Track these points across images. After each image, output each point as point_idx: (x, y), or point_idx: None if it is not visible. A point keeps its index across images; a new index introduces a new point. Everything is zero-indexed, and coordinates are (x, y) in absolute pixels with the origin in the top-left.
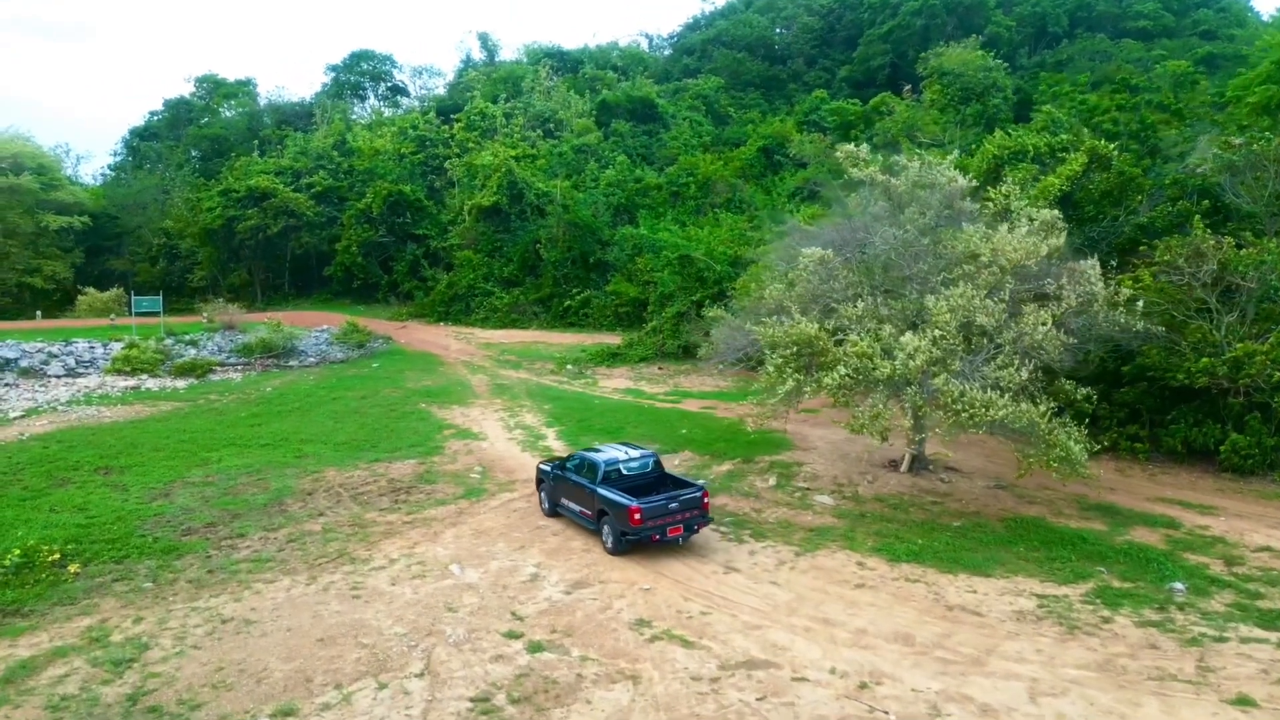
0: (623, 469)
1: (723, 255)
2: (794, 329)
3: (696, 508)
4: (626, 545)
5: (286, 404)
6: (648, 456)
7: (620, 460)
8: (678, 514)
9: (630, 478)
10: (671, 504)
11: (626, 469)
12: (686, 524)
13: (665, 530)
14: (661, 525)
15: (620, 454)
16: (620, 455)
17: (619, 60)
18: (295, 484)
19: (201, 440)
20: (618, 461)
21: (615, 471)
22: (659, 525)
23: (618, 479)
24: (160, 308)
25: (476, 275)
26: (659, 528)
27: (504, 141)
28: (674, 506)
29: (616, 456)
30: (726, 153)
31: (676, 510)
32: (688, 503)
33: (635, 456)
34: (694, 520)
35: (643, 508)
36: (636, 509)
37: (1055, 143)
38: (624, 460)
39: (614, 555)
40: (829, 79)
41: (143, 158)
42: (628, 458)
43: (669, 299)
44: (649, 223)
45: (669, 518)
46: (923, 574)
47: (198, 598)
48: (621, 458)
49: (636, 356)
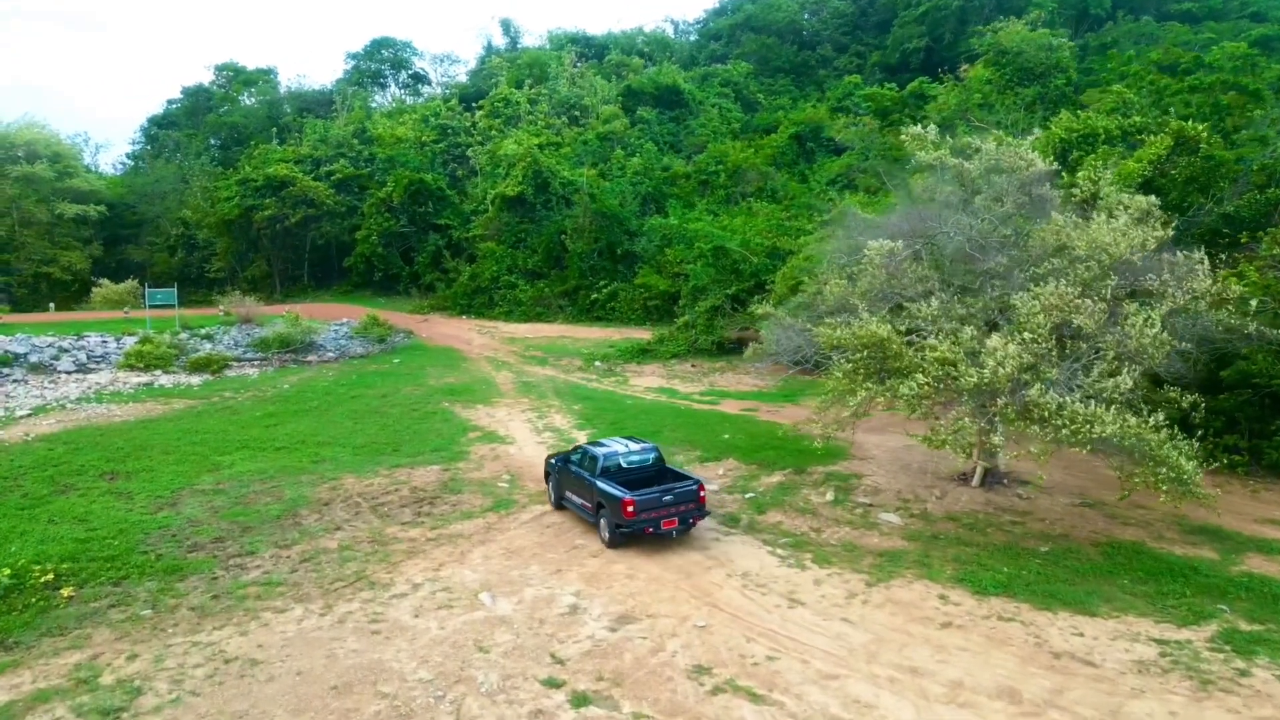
0: (622, 462)
1: (759, 246)
2: (863, 330)
3: (692, 501)
4: (622, 538)
5: (304, 402)
6: (648, 451)
7: (620, 454)
8: (672, 507)
9: (630, 471)
10: (666, 497)
11: (626, 462)
12: (681, 517)
13: (659, 523)
14: (655, 518)
15: (621, 447)
16: (620, 449)
17: (644, 46)
18: (311, 493)
19: (213, 442)
20: (617, 455)
21: (615, 465)
22: (653, 518)
23: (617, 472)
24: (175, 300)
25: (500, 267)
26: (653, 520)
27: (528, 129)
28: (668, 500)
29: (616, 450)
30: (757, 140)
31: (671, 504)
32: (682, 496)
33: (635, 450)
34: (689, 514)
35: (636, 500)
36: (630, 501)
37: (1129, 125)
38: (624, 454)
39: (611, 549)
40: (860, 65)
41: (161, 147)
42: (628, 451)
43: (702, 292)
44: (679, 212)
45: (663, 511)
46: (1016, 610)
47: (199, 629)
48: (621, 451)
49: (668, 353)
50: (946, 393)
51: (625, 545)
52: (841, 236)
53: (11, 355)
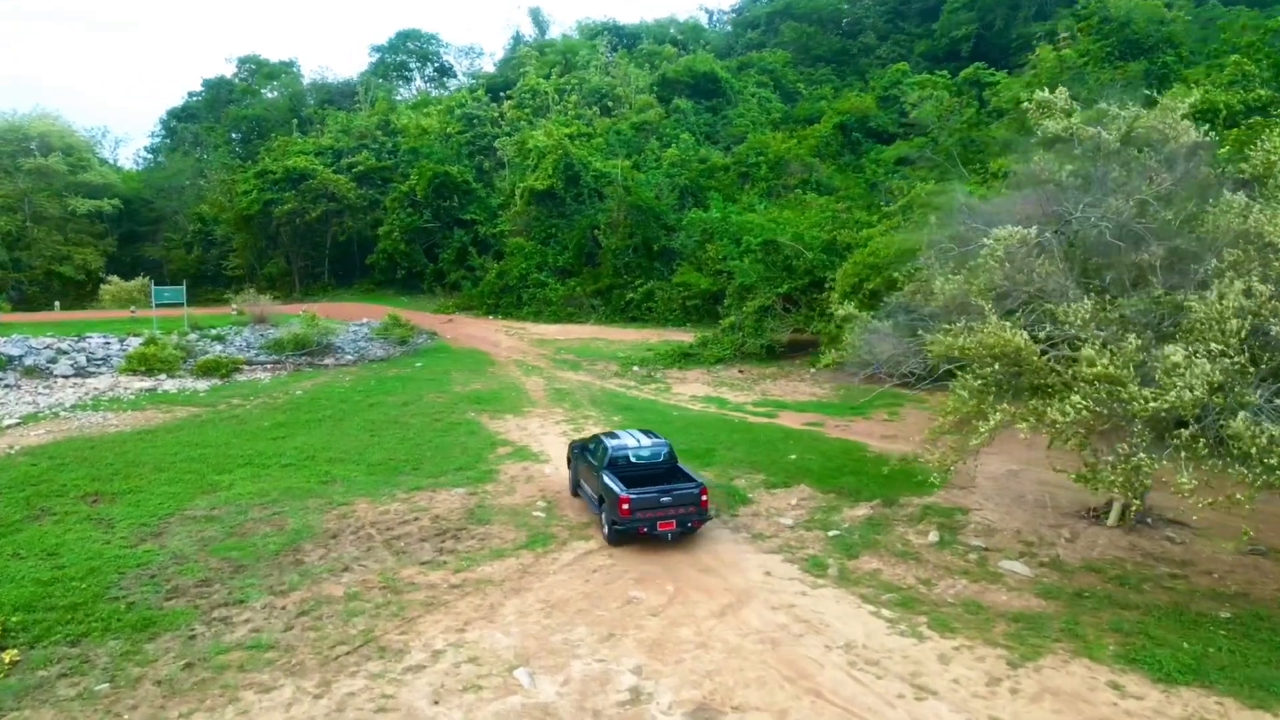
0: (631, 456)
1: (815, 240)
2: (994, 337)
3: (692, 504)
4: (618, 536)
5: (317, 410)
6: (660, 447)
7: (630, 448)
8: (670, 509)
9: (639, 467)
10: (664, 498)
11: (635, 456)
12: (680, 520)
13: (655, 524)
14: (651, 519)
15: (631, 441)
16: (631, 443)
17: (678, 35)
18: (317, 521)
19: (213, 458)
20: (627, 449)
21: (623, 459)
22: (649, 519)
23: (625, 466)
24: (184, 298)
25: (529, 264)
26: (648, 521)
27: (558, 120)
28: (666, 500)
29: (627, 444)
30: (799, 130)
31: (669, 505)
32: (682, 498)
33: (646, 445)
34: (688, 517)
35: (632, 498)
36: (625, 499)
37: (1251, 99)
38: (634, 448)
39: (611, 545)
40: (904, 54)
41: (180, 140)
42: (638, 445)
43: (749, 291)
44: (721, 205)
45: (660, 511)
46: (1222, 710)
47: (163, 714)
48: (632, 445)
49: (712, 357)
50: (1111, 419)
51: (621, 544)
52: (934, 226)
53: (5, 358)
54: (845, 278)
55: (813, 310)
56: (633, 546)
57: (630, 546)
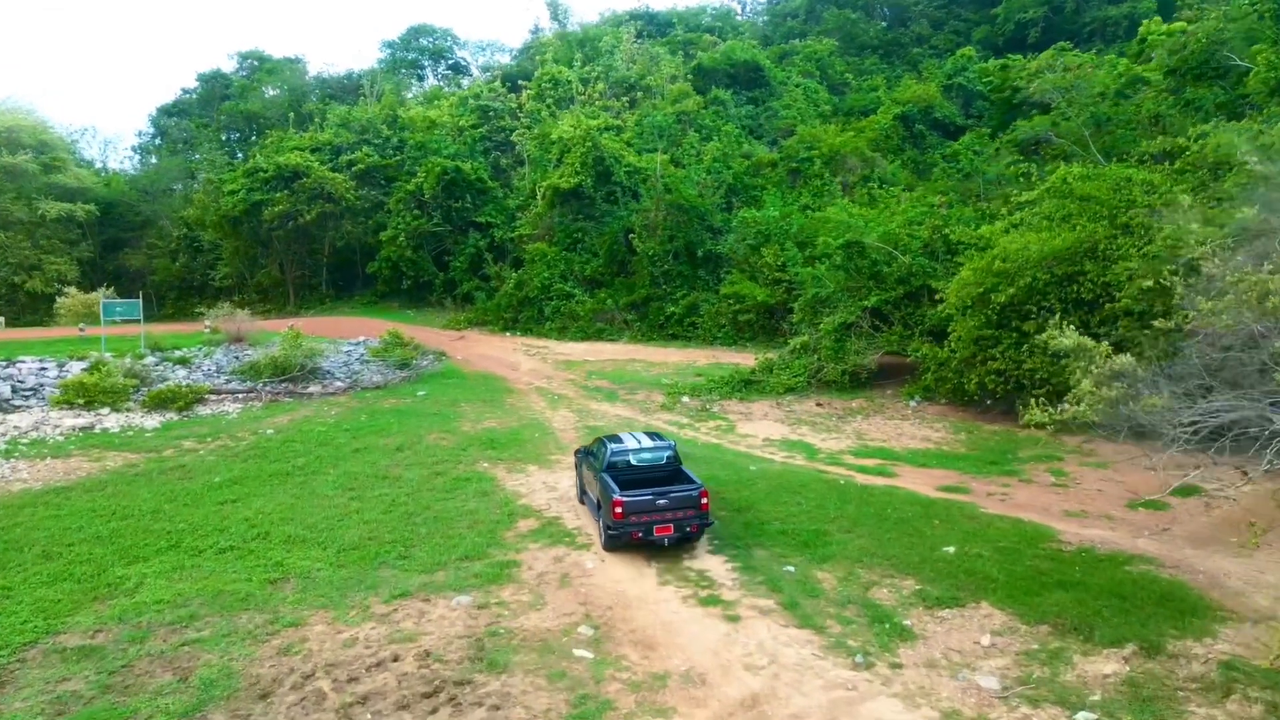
0: (632, 459)
1: (911, 241)
2: None
3: (691, 508)
4: (612, 542)
5: (287, 458)
6: (662, 450)
7: (631, 450)
8: (666, 512)
9: (640, 470)
10: (660, 500)
11: (637, 459)
12: (678, 524)
13: (651, 529)
14: (646, 523)
15: (633, 443)
16: (632, 445)
17: (712, 22)
18: (244, 660)
19: (129, 536)
20: (627, 452)
21: (624, 462)
22: (643, 523)
23: (625, 469)
24: (139, 313)
25: (552, 273)
26: (643, 525)
27: (582, 111)
28: (662, 504)
29: (627, 446)
30: (855, 123)
31: (665, 508)
32: (679, 501)
33: (648, 447)
34: (687, 521)
35: (625, 501)
36: (619, 501)
37: None
38: (634, 450)
39: (606, 551)
40: (960, 41)
41: (171, 139)
42: (639, 447)
43: (825, 304)
44: (779, 203)
45: (655, 515)
46: None
47: None
48: (632, 447)
49: (781, 386)
50: None
51: (617, 550)
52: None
53: None
54: (963, 288)
55: (909, 327)
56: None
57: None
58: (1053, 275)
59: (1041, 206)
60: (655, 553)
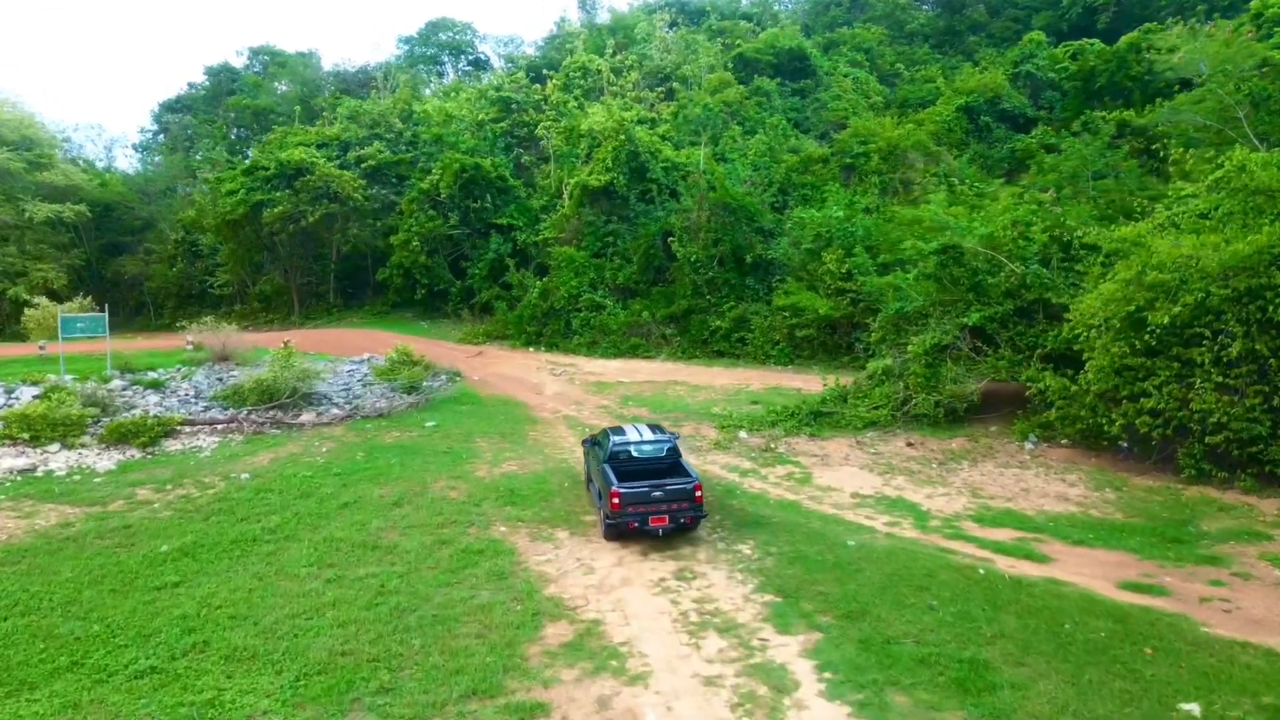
0: (633, 451)
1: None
2: None
3: (686, 500)
4: (610, 531)
5: (256, 516)
6: (663, 442)
7: (632, 442)
8: (661, 504)
9: (640, 462)
10: (655, 493)
11: (638, 451)
12: (672, 516)
13: (646, 519)
14: (642, 514)
15: (634, 435)
16: (633, 437)
17: (750, 9)
18: None
19: (23, 642)
20: (629, 443)
21: (625, 453)
22: (640, 514)
23: (626, 461)
24: (105, 329)
25: (581, 281)
26: (639, 516)
27: (615, 102)
28: (657, 495)
29: (629, 438)
30: (912, 115)
31: (661, 500)
32: (675, 493)
33: (649, 439)
34: (681, 513)
35: (622, 492)
36: (616, 492)
37: None
38: (636, 442)
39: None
40: (1020, 29)
41: (174, 137)
42: (640, 439)
43: (912, 321)
44: (844, 201)
45: (650, 507)
46: None
47: None
48: (634, 439)
49: (860, 420)
50: None
51: (614, 539)
52: None
53: None
54: (1106, 303)
55: (1019, 351)
56: None
57: None
58: (1232, 290)
59: (1198, 202)
60: (725, 663)
